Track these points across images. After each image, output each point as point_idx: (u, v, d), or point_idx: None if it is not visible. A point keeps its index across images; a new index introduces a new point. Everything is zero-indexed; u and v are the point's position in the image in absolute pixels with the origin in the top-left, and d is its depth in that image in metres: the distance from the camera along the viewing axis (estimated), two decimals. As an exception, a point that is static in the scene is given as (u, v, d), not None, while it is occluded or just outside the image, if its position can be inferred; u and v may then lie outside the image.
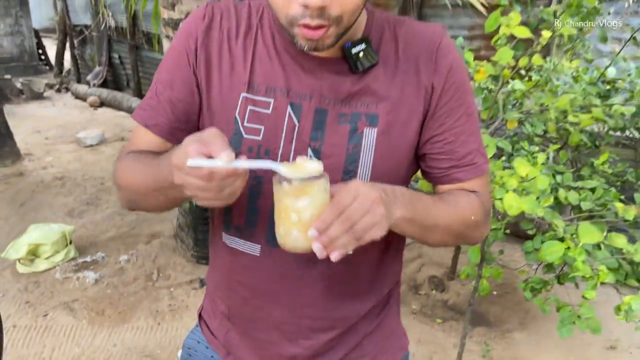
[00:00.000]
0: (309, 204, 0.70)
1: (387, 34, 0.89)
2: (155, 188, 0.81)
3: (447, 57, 0.87)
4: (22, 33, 10.23)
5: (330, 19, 0.73)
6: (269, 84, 0.86)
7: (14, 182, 4.65)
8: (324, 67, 0.85)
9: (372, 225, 0.70)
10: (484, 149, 0.93)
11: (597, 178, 2.23)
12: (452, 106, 0.88)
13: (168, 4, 2.68)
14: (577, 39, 2.05)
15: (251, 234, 0.89)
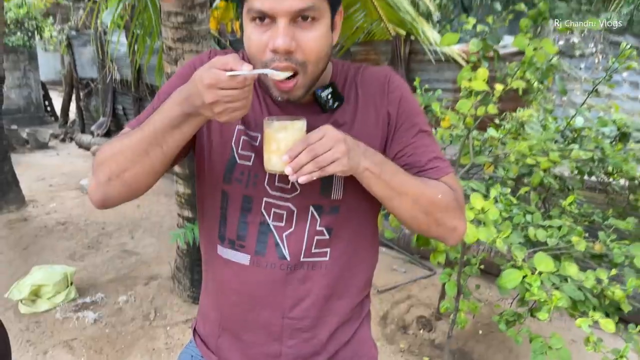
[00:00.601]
0: (286, 136, 0.90)
1: (349, 79, 1.09)
2: (154, 136, 0.89)
3: (396, 90, 1.08)
4: (30, 86, 10.63)
5: (296, 64, 0.92)
6: (257, 121, 1.04)
7: (18, 227, 4.81)
8: (299, 109, 1.04)
9: (332, 159, 0.87)
10: (444, 157, 1.10)
11: (565, 218, 2.40)
12: (407, 127, 1.07)
13: (171, 59, 2.92)
14: (539, 91, 2.27)
15: (241, 246, 1.06)
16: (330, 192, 1.03)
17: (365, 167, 0.92)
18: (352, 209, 1.06)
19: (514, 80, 1.79)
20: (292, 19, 0.90)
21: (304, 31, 0.91)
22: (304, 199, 1.03)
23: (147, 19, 5.25)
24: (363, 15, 4.82)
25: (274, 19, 0.90)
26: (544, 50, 1.76)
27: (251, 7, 0.91)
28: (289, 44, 0.89)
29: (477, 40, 2.26)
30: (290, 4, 0.88)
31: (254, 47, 0.94)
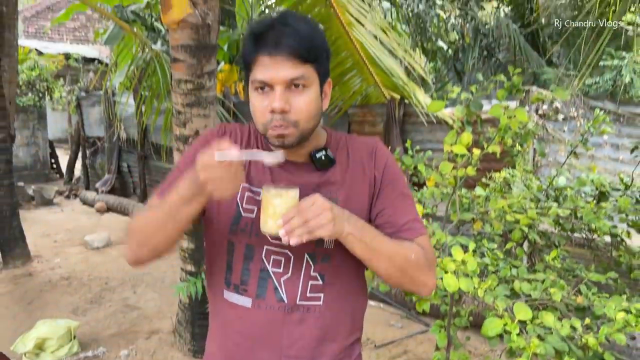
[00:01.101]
0: (281, 203, 1.05)
1: (341, 144, 1.29)
2: (169, 211, 1.09)
3: (382, 157, 1.28)
4: (38, 144, 10.95)
5: (290, 122, 1.12)
6: (261, 179, 1.23)
7: (23, 282, 4.91)
8: (297, 169, 1.24)
9: (321, 225, 1.01)
10: (420, 219, 1.26)
11: (549, 272, 2.53)
12: (390, 190, 1.25)
13: (180, 122, 3.14)
14: (519, 153, 2.46)
15: (244, 290, 1.21)
16: (323, 242, 1.18)
17: (348, 232, 1.07)
18: (342, 258, 1.20)
19: (492, 144, 1.98)
20: (287, 86, 1.10)
21: (296, 96, 1.11)
22: (300, 247, 1.15)
23: (155, 82, 5.57)
24: (360, 80, 5.12)
25: (272, 87, 1.10)
26: (517, 118, 1.97)
27: (254, 79, 1.12)
28: (284, 105, 1.10)
29: (461, 107, 2.48)
30: (285, 74, 1.09)
31: (257, 112, 1.14)
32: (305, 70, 1.11)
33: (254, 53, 1.11)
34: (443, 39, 8.02)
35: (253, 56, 1.12)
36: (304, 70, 1.11)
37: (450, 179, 2.07)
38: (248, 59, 1.14)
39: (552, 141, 4.00)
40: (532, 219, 2.19)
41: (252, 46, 1.12)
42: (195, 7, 2.94)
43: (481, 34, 7.36)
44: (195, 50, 3.00)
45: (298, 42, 1.09)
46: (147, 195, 8.25)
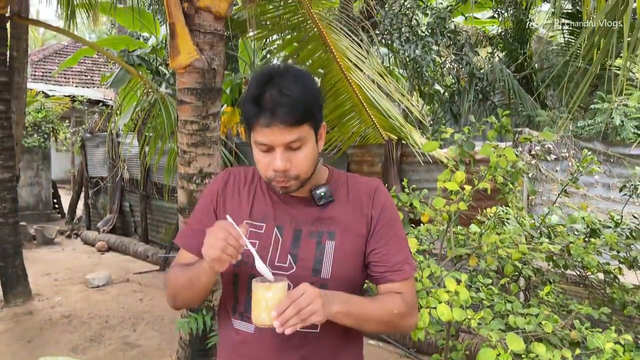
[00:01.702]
0: (274, 295, 1.13)
1: (341, 182, 1.40)
2: (190, 280, 1.28)
3: (381, 198, 1.38)
4: (41, 184, 11.07)
5: (291, 177, 1.24)
6: (263, 214, 1.35)
7: (23, 320, 4.93)
8: (298, 203, 1.35)
9: (312, 312, 1.10)
10: (411, 261, 1.37)
11: (544, 307, 2.59)
12: (385, 230, 1.34)
13: (185, 162, 3.26)
14: (510, 191, 2.57)
15: (248, 317, 1.29)
16: (320, 272, 1.29)
17: (337, 311, 1.17)
18: (338, 287, 1.27)
19: (482, 182, 2.09)
20: (285, 147, 1.21)
21: (295, 153, 1.23)
22: (298, 277, 1.28)
23: (159, 123, 5.73)
24: (358, 122, 5.28)
25: (272, 148, 1.22)
26: (506, 157, 2.08)
27: (256, 140, 1.23)
28: (285, 166, 1.22)
29: (454, 147, 2.61)
30: (282, 139, 1.20)
31: (261, 167, 1.26)
32: (301, 131, 1.21)
33: (254, 117, 1.21)
34: (439, 82, 8.25)
35: (253, 120, 1.21)
36: (299, 132, 1.21)
37: (444, 215, 2.16)
38: (249, 120, 1.23)
39: (545, 180, 4.11)
40: (524, 254, 2.28)
41: (252, 109, 1.21)
42: (202, 53, 3.10)
43: (476, 78, 7.57)
44: (201, 93, 3.15)
45: (292, 110, 1.18)
46: (148, 234, 8.31)
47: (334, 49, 4.73)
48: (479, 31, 9.36)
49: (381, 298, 1.30)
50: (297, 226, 1.33)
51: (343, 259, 1.30)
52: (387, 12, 6.94)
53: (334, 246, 1.30)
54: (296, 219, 1.34)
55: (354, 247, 1.32)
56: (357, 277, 1.35)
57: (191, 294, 1.32)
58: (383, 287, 1.34)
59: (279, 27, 5.17)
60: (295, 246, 1.31)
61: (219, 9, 3.11)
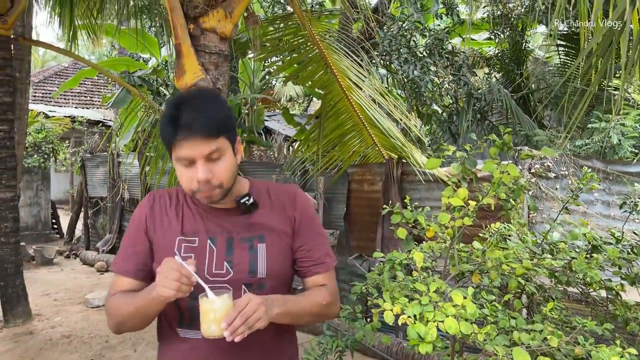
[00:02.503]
0: (220, 307, 1.22)
1: (262, 190, 1.53)
2: (138, 306, 1.33)
3: (301, 201, 1.54)
4: (40, 204, 11.07)
5: (215, 186, 1.34)
6: (194, 229, 1.45)
7: (24, 340, 4.90)
8: (226, 214, 1.46)
9: (258, 318, 1.21)
10: (332, 253, 1.54)
11: (547, 324, 2.61)
12: (307, 229, 1.50)
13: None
14: (512, 207, 2.60)
15: (194, 326, 1.35)
16: (256, 272, 1.41)
17: (277, 313, 1.30)
18: (274, 284, 1.43)
19: (486, 197, 2.12)
20: (206, 159, 1.31)
21: (216, 164, 1.33)
22: (237, 280, 1.40)
23: (160, 143, 5.77)
24: (359, 141, 5.34)
25: (194, 161, 1.31)
26: (509, 173, 2.11)
27: (178, 156, 1.32)
28: (207, 175, 1.31)
29: (457, 164, 2.64)
30: (202, 151, 1.29)
31: (185, 181, 1.35)
32: (218, 142, 1.32)
33: (173, 136, 1.30)
34: (437, 102, 8.34)
35: (173, 139, 1.30)
36: (217, 143, 1.31)
37: (449, 230, 2.19)
38: (168, 140, 1.32)
39: (545, 198, 4.14)
40: (528, 269, 2.30)
41: (170, 129, 1.30)
42: (207, 73, 3.16)
43: (474, 98, 7.67)
44: (206, 112, 3.19)
45: (207, 124, 1.30)
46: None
47: (335, 69, 4.80)
48: (475, 52, 9.50)
49: (310, 293, 1.46)
50: (228, 235, 1.44)
51: (275, 257, 1.44)
52: (386, 33, 7.05)
53: (265, 247, 1.44)
54: (227, 229, 1.45)
55: (282, 245, 1.47)
56: (288, 272, 1.50)
57: (139, 321, 1.38)
58: (310, 280, 1.50)
59: (279, 49, 5.25)
60: (229, 253, 1.42)
61: (224, 30, 3.17)
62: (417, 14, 7.26)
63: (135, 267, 1.43)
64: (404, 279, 2.62)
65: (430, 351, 1.73)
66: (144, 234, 1.46)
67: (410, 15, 7.35)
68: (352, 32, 7.32)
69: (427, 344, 1.73)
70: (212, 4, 3.15)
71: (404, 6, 7.42)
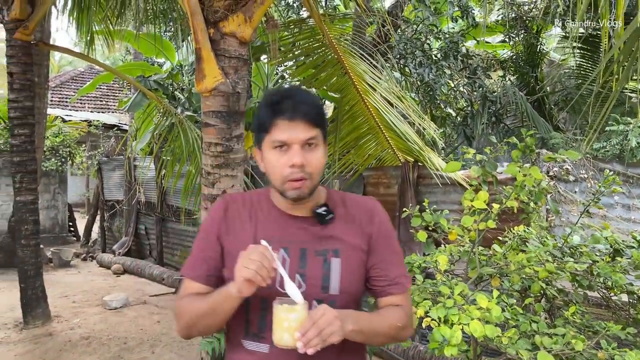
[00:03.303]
0: (296, 316, 1.18)
1: (339, 202, 1.48)
2: (213, 305, 1.29)
3: (379, 217, 1.47)
4: (57, 207, 11.20)
5: (307, 174, 1.30)
6: (267, 236, 1.37)
7: (43, 341, 4.96)
8: (301, 223, 1.41)
9: (332, 332, 1.17)
10: (408, 274, 1.47)
11: (569, 328, 2.59)
12: (383, 247, 1.43)
13: (209, 183, 3.32)
14: (534, 210, 2.59)
15: (262, 337, 1.34)
16: (328, 288, 1.36)
17: (351, 330, 1.24)
18: (346, 301, 1.36)
19: (509, 200, 2.12)
20: (302, 145, 1.29)
21: (310, 153, 1.31)
22: (309, 294, 1.33)
23: (177, 146, 5.82)
24: (375, 144, 5.34)
25: (290, 146, 1.29)
26: (532, 176, 2.11)
27: (274, 139, 1.30)
28: (302, 160, 1.28)
29: (477, 167, 2.64)
30: (302, 135, 1.29)
31: (276, 167, 1.31)
32: (316, 132, 1.32)
33: (272, 118, 1.30)
34: (452, 105, 8.32)
35: (272, 120, 1.30)
36: (315, 132, 1.31)
37: (472, 233, 2.19)
38: (266, 122, 1.31)
39: (564, 202, 4.12)
40: (550, 272, 2.29)
41: (271, 112, 1.30)
42: (226, 77, 3.18)
43: (489, 101, 7.63)
44: (226, 116, 3.22)
45: (311, 109, 1.31)
46: (163, 257, 8.35)
47: (351, 72, 4.81)
48: (490, 55, 9.46)
49: (385, 312, 1.39)
50: (302, 246, 1.38)
51: (349, 274, 1.38)
52: (401, 36, 7.06)
53: (339, 263, 1.37)
54: (300, 239, 1.39)
55: (357, 262, 1.40)
56: (360, 290, 1.44)
57: (212, 321, 1.33)
58: (384, 300, 1.43)
59: (295, 53, 5.28)
60: (302, 265, 1.36)
61: (244, 34, 3.20)
62: (432, 17, 7.26)
63: (206, 272, 1.40)
64: (423, 282, 2.62)
65: (456, 353, 1.73)
66: (216, 239, 1.43)
67: (425, 18, 7.35)
68: (367, 35, 7.33)
69: (452, 347, 1.73)
70: (232, 8, 3.18)
71: (418, 9, 7.42)
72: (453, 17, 7.35)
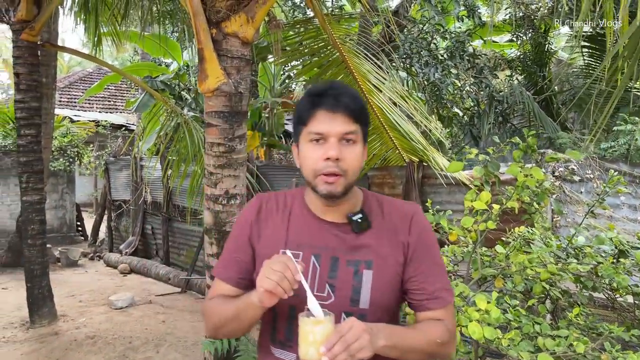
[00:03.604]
0: (322, 330, 1.12)
1: (375, 207, 1.39)
2: (238, 311, 1.26)
3: (418, 225, 1.36)
4: (65, 207, 11.28)
5: (341, 170, 1.24)
6: (299, 241, 1.34)
7: (49, 340, 4.99)
8: (335, 229, 1.34)
9: (361, 347, 1.08)
10: (450, 286, 1.35)
11: (573, 330, 2.56)
12: (422, 258, 1.33)
13: (211, 182, 3.32)
14: (536, 211, 2.57)
15: (290, 346, 1.30)
16: (358, 302, 1.28)
17: (382, 345, 1.15)
18: (376, 315, 1.28)
19: (510, 201, 2.10)
20: (339, 139, 1.24)
21: (347, 148, 1.25)
22: (337, 306, 1.27)
23: (183, 147, 5.84)
24: (380, 144, 5.32)
25: (326, 139, 1.24)
26: (534, 176, 2.09)
27: (311, 131, 1.26)
28: (338, 154, 1.23)
29: (479, 167, 2.62)
30: (340, 128, 1.24)
31: (311, 159, 1.27)
32: (356, 127, 1.26)
33: (312, 109, 1.26)
34: (458, 105, 8.28)
35: (311, 112, 1.26)
36: (355, 127, 1.26)
37: (472, 233, 2.17)
38: (305, 114, 1.27)
39: (570, 202, 4.08)
40: (552, 274, 2.27)
41: (311, 103, 1.27)
42: (229, 77, 3.19)
43: (496, 101, 7.59)
44: (228, 116, 3.22)
45: (353, 103, 1.26)
46: (169, 257, 8.38)
47: (355, 72, 4.80)
48: (497, 54, 9.41)
49: (423, 327, 1.29)
50: (333, 254, 1.31)
51: (381, 288, 1.29)
52: (407, 36, 7.03)
53: (371, 275, 1.29)
54: (332, 247, 1.32)
55: (391, 275, 1.31)
56: (394, 304, 1.35)
57: (236, 326, 1.30)
58: (422, 315, 1.33)
59: (300, 53, 5.28)
60: (332, 275, 1.30)
61: (246, 34, 3.20)
62: (438, 16, 7.23)
63: (237, 274, 1.37)
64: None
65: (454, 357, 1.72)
66: (247, 241, 1.38)
67: (431, 17, 7.32)
68: (372, 35, 7.31)
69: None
70: (234, 9, 3.18)
71: (424, 9, 7.39)
72: (459, 17, 7.32)
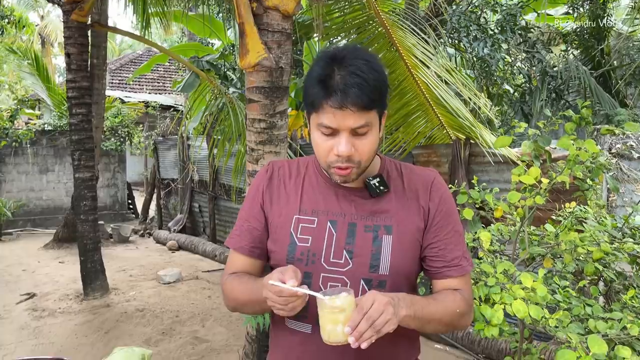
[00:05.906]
0: (342, 309, 1.08)
1: (394, 172, 1.35)
2: (250, 300, 1.28)
3: (438, 190, 1.32)
4: (117, 185, 11.67)
5: (353, 163, 1.19)
6: (314, 207, 1.30)
7: (101, 312, 5.19)
8: (352, 194, 1.30)
9: (386, 321, 1.05)
10: (468, 255, 1.32)
11: (627, 312, 2.43)
12: (442, 224, 1.29)
13: (253, 159, 3.32)
14: (590, 187, 2.42)
15: (305, 317, 1.27)
16: (378, 268, 1.23)
17: (404, 315, 1.12)
18: (396, 283, 1.25)
19: (561, 175, 1.98)
20: (351, 132, 1.16)
21: (359, 139, 1.18)
22: (356, 273, 1.23)
23: (227, 126, 5.87)
24: (425, 121, 5.19)
25: (337, 133, 1.17)
26: (587, 150, 1.96)
27: (320, 122, 1.17)
28: (350, 151, 1.17)
29: (529, 142, 2.49)
30: (351, 124, 1.15)
31: (321, 150, 1.21)
32: (368, 116, 1.16)
33: (320, 99, 1.14)
34: (509, 82, 7.97)
35: (319, 101, 1.15)
36: (367, 117, 1.15)
37: (519, 210, 2.07)
38: (314, 101, 1.16)
39: (627, 180, 3.86)
40: (606, 253, 2.14)
41: (319, 91, 1.15)
42: (269, 52, 3.15)
43: (549, 77, 7.26)
44: (269, 92, 3.19)
45: (364, 92, 1.12)
46: (216, 234, 8.54)
47: (400, 46, 4.67)
48: (552, 28, 8.97)
49: (442, 297, 1.26)
50: (351, 220, 1.27)
51: (401, 254, 1.25)
52: (455, 10, 6.79)
53: (391, 241, 1.25)
54: (350, 212, 1.27)
55: (411, 241, 1.27)
56: (414, 271, 1.31)
57: (253, 309, 1.34)
58: (440, 283, 1.30)
59: (344, 29, 5.18)
60: (350, 241, 1.25)
61: (287, 7, 3.14)
62: (489, -12, 6.94)
63: (249, 244, 1.34)
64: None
65: (497, 335, 1.64)
66: (260, 208, 1.35)
67: (481, -10, 7.04)
68: (419, 9, 7.10)
69: (493, 327, 1.64)
70: (275, -19, 3.13)
71: (474, -19, 7.11)
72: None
